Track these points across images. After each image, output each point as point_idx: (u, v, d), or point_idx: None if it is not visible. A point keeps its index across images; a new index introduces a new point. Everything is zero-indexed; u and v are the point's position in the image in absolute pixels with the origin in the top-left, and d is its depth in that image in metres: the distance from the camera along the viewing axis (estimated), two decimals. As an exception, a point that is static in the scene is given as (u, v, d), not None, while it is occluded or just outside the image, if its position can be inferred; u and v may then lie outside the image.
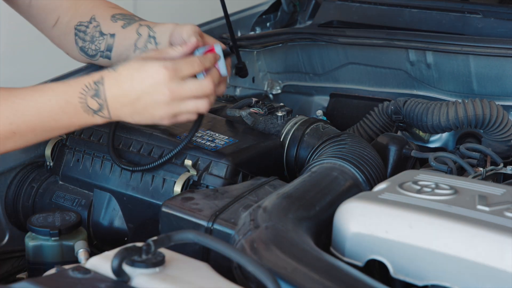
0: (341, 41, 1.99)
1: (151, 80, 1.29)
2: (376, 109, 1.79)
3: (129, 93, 1.30)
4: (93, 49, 1.64)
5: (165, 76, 1.29)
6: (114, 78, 1.30)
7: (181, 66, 1.31)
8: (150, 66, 1.30)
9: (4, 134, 1.30)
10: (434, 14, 1.98)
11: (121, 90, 1.30)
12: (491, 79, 1.82)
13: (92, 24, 1.63)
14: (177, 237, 1.01)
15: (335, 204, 1.20)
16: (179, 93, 1.31)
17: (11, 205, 1.64)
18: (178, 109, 1.33)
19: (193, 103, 1.33)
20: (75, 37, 1.66)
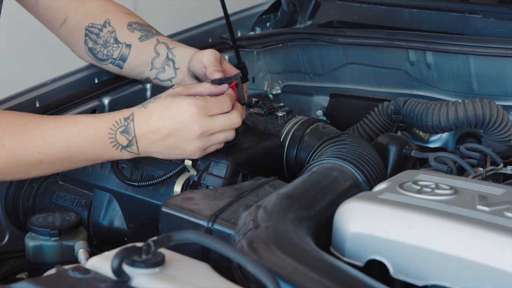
0: (341, 41, 1.99)
1: (181, 118, 1.32)
2: (376, 109, 1.79)
3: (159, 130, 1.32)
4: (104, 54, 1.64)
5: (195, 114, 1.32)
6: (144, 115, 1.32)
7: (211, 105, 1.34)
8: (180, 103, 1.32)
9: (31, 163, 1.31)
10: (434, 14, 1.98)
11: (151, 127, 1.32)
12: (491, 79, 1.82)
13: (106, 29, 1.63)
14: (177, 237, 1.01)
15: (335, 204, 1.20)
16: (209, 129, 1.34)
17: (11, 205, 1.64)
18: (208, 143, 1.36)
19: (223, 136, 1.37)
20: (85, 37, 1.66)
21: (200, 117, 1.32)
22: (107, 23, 1.64)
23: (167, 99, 1.33)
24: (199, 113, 1.32)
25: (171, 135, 1.33)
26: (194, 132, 1.33)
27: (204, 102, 1.33)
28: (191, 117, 1.32)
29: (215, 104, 1.34)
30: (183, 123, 1.32)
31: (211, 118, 1.34)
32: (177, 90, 1.36)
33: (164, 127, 1.32)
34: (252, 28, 2.27)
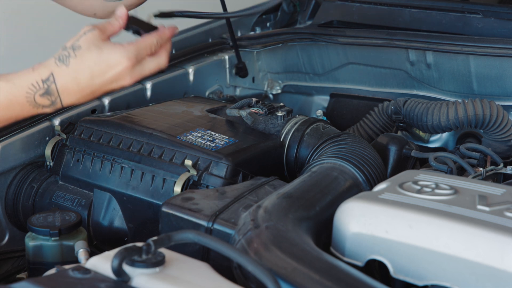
0: (341, 41, 1.99)
1: (113, 72, 1.27)
2: (376, 109, 1.79)
3: (88, 87, 1.27)
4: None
5: (128, 67, 1.28)
6: (68, 74, 1.26)
7: (141, 52, 1.30)
8: (111, 56, 1.27)
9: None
10: (434, 14, 1.98)
11: (78, 85, 1.26)
12: (491, 79, 1.82)
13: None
14: (177, 237, 1.01)
15: (335, 204, 1.20)
16: (139, 76, 1.31)
17: (11, 205, 1.64)
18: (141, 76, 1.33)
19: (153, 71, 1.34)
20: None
21: (133, 68, 1.29)
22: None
23: (93, 52, 1.26)
24: (132, 65, 1.28)
25: (101, 87, 1.28)
26: (126, 82, 1.30)
27: (135, 51, 1.28)
28: (123, 70, 1.27)
29: (144, 49, 1.30)
30: (115, 76, 1.28)
31: (142, 65, 1.31)
32: (97, 35, 1.27)
33: (95, 84, 1.27)
34: (252, 28, 2.27)
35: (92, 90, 1.28)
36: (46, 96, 1.26)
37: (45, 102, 1.27)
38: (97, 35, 1.27)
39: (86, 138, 1.58)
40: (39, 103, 1.26)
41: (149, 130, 1.53)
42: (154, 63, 1.33)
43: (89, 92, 1.28)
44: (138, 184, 1.49)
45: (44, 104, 1.27)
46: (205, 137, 1.50)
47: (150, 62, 1.33)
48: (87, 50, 1.26)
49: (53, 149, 1.63)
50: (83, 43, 1.26)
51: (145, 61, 1.32)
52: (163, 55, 1.35)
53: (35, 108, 1.27)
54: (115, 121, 1.58)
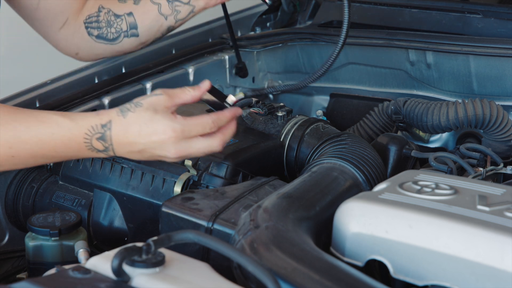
0: (341, 41, 1.99)
1: (157, 138, 1.28)
2: (376, 109, 1.79)
3: (135, 144, 1.29)
4: (113, 32, 1.65)
5: (171, 138, 1.28)
6: (122, 125, 1.29)
7: (190, 129, 1.29)
8: (158, 123, 1.28)
9: (3, 157, 1.29)
10: (434, 14, 1.98)
11: (127, 139, 1.29)
12: (491, 79, 1.82)
13: (102, 12, 1.65)
14: (177, 237, 1.01)
15: (335, 204, 1.20)
16: (185, 152, 1.30)
17: (11, 205, 1.64)
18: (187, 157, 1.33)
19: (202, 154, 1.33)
20: (86, 30, 1.66)
21: (177, 141, 1.28)
22: (101, 7, 1.66)
23: (148, 113, 1.28)
24: (176, 137, 1.28)
25: (146, 150, 1.30)
26: (170, 153, 1.29)
27: (182, 126, 1.28)
28: (168, 140, 1.28)
29: (196, 127, 1.29)
30: (159, 144, 1.29)
31: (189, 141, 1.29)
32: (160, 101, 1.30)
33: (140, 142, 1.29)
34: (252, 28, 2.27)
35: (140, 149, 1.29)
36: (101, 141, 1.29)
37: (100, 147, 1.30)
38: (162, 100, 1.30)
39: (86, 138, 1.58)
40: (94, 146, 1.29)
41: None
42: (204, 143, 1.30)
43: (137, 150, 1.30)
44: (138, 184, 1.49)
45: (99, 148, 1.30)
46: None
47: (200, 142, 1.30)
48: (145, 110, 1.29)
49: (53, 149, 1.63)
50: (145, 103, 1.29)
51: (194, 139, 1.30)
52: (217, 138, 1.31)
53: (90, 150, 1.30)
54: (115, 121, 1.58)
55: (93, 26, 1.66)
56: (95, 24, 1.65)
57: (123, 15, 1.64)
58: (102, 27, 1.66)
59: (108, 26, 1.65)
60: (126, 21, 1.64)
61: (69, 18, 1.66)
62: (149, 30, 1.66)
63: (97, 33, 1.66)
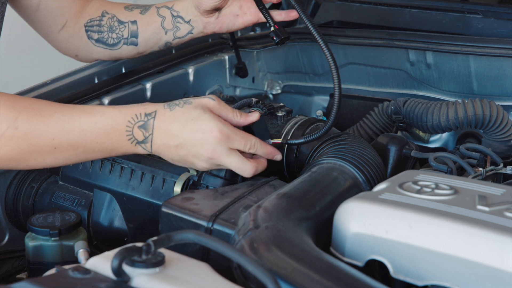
0: (341, 41, 1.99)
1: (201, 135, 1.29)
2: (376, 109, 1.79)
3: (176, 137, 1.30)
4: (114, 38, 1.66)
5: (216, 138, 1.29)
6: (168, 117, 1.30)
7: (235, 139, 1.31)
8: (207, 121, 1.29)
9: (45, 149, 1.28)
10: (434, 14, 1.98)
11: (169, 130, 1.30)
12: (491, 79, 1.82)
13: (105, 17, 1.66)
14: (177, 237, 1.01)
15: (335, 204, 1.20)
16: (219, 159, 1.31)
17: (11, 205, 1.64)
18: (214, 167, 1.34)
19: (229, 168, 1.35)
20: (86, 33, 1.67)
21: (219, 143, 1.29)
22: (105, 13, 1.66)
23: (197, 111, 1.30)
24: (220, 139, 1.29)
25: (184, 146, 1.30)
26: (207, 153, 1.30)
27: (229, 132, 1.30)
28: (211, 139, 1.29)
29: (240, 139, 1.32)
30: (201, 141, 1.29)
31: (228, 151, 1.31)
32: (210, 105, 1.32)
33: (181, 137, 1.30)
34: (252, 28, 2.27)
35: (178, 143, 1.30)
36: (142, 130, 1.30)
37: (140, 137, 1.30)
38: (212, 105, 1.32)
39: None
40: (135, 136, 1.30)
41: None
42: (240, 160, 1.32)
43: (175, 144, 1.30)
44: (138, 184, 1.49)
45: (138, 139, 1.30)
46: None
47: (237, 156, 1.32)
48: (194, 107, 1.30)
49: (53, 149, 1.63)
50: (195, 102, 1.31)
51: (233, 151, 1.32)
52: (252, 164, 1.34)
53: (130, 142, 1.30)
54: (115, 121, 1.58)
55: (94, 29, 1.66)
56: (96, 28, 1.66)
57: (127, 22, 1.65)
58: (103, 32, 1.66)
59: (109, 31, 1.66)
60: (128, 29, 1.65)
61: (68, 20, 1.67)
62: (147, 41, 1.67)
63: (97, 37, 1.67)
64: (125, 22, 1.66)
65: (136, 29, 1.65)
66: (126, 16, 1.66)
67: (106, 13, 1.67)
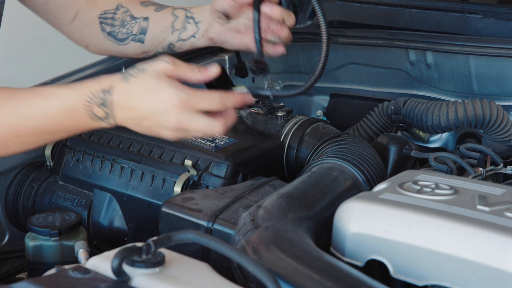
0: (341, 41, 1.99)
1: (161, 105, 1.24)
2: (376, 109, 1.79)
3: (136, 110, 1.26)
4: (123, 33, 1.64)
5: (176, 106, 1.24)
6: (125, 91, 1.26)
7: (196, 100, 1.25)
8: (164, 90, 1.24)
9: (7, 138, 1.26)
10: (434, 14, 1.98)
11: (129, 104, 1.26)
12: (491, 79, 1.82)
13: (120, 10, 1.64)
14: (177, 237, 1.01)
15: (335, 204, 1.20)
16: (185, 125, 1.26)
17: (11, 205, 1.64)
18: (183, 136, 1.29)
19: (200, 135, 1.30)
20: (100, 25, 1.65)
21: (181, 110, 1.24)
22: (120, 6, 1.63)
23: (152, 80, 1.24)
24: (180, 107, 1.24)
25: (147, 118, 1.25)
26: (170, 122, 1.25)
27: (188, 96, 1.24)
28: (171, 108, 1.24)
29: (202, 99, 1.25)
30: (162, 111, 1.24)
31: (191, 115, 1.24)
32: (166, 70, 1.26)
33: (142, 109, 1.25)
34: (252, 28, 2.27)
35: (140, 115, 1.26)
36: (102, 107, 1.26)
37: (101, 114, 1.26)
38: (167, 68, 1.26)
39: (86, 138, 1.58)
40: (95, 113, 1.26)
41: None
42: (206, 121, 1.25)
43: (138, 116, 1.26)
44: (138, 184, 1.49)
45: (100, 115, 1.26)
46: (205, 137, 1.50)
47: (203, 119, 1.26)
48: (149, 76, 1.25)
49: (53, 149, 1.63)
50: (150, 69, 1.26)
51: (197, 115, 1.25)
52: (220, 120, 1.27)
53: (92, 119, 1.27)
54: (115, 121, 1.58)
55: (108, 22, 1.64)
56: (109, 21, 1.64)
57: (139, 18, 1.63)
58: (115, 25, 1.64)
59: (121, 26, 1.64)
60: (139, 25, 1.63)
61: (79, 10, 1.65)
62: (154, 39, 1.64)
63: (109, 30, 1.65)
64: (137, 18, 1.63)
65: (146, 25, 1.62)
66: (139, 11, 1.63)
67: (120, 6, 1.64)
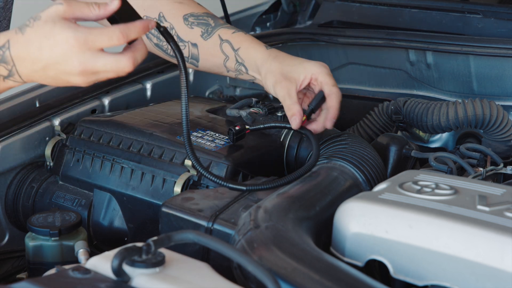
0: (341, 41, 1.99)
1: (59, 49, 1.17)
2: (376, 109, 1.79)
3: (38, 60, 1.19)
4: None
5: (74, 48, 1.16)
6: (22, 43, 1.19)
7: (94, 38, 1.16)
8: (59, 33, 1.16)
9: None
10: (434, 14, 1.98)
11: (29, 55, 1.19)
12: (491, 79, 1.82)
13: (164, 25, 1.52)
14: (177, 237, 1.01)
15: (335, 204, 1.20)
16: (90, 67, 1.18)
17: (11, 205, 1.64)
18: (93, 79, 1.21)
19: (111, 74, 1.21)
20: None
21: (80, 52, 1.16)
22: (162, 18, 1.56)
23: (47, 25, 1.17)
24: (79, 47, 1.16)
25: (50, 67, 1.19)
26: (74, 67, 1.18)
27: (85, 35, 1.16)
28: (70, 50, 1.16)
29: (100, 36, 1.16)
30: (62, 56, 1.17)
31: (94, 55, 1.17)
32: (60, 12, 1.18)
33: (43, 58, 1.18)
34: (252, 28, 2.27)
35: (43, 65, 1.19)
36: (2, 64, 1.20)
37: (3, 72, 1.21)
38: (61, 10, 1.19)
39: (86, 138, 1.58)
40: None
41: (149, 130, 1.53)
42: (111, 59, 1.17)
43: (41, 67, 1.19)
44: (138, 184, 1.49)
45: (3, 74, 1.21)
46: (205, 137, 1.50)
47: (107, 56, 1.17)
48: (44, 22, 1.18)
49: (53, 149, 1.63)
50: (44, 16, 1.19)
51: (100, 53, 1.17)
52: (127, 55, 1.18)
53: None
54: (115, 121, 1.58)
55: (153, 33, 1.57)
56: (154, 32, 1.56)
57: (187, 42, 1.55)
58: (162, 40, 1.57)
59: None
60: (189, 49, 1.56)
61: None
62: (209, 69, 1.59)
63: (156, 42, 1.58)
64: (186, 41, 1.55)
65: (197, 53, 1.56)
66: (186, 33, 1.55)
67: (163, 19, 1.55)
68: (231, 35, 1.54)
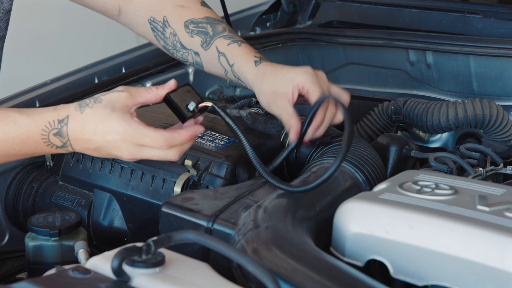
0: (341, 41, 1.99)
1: (111, 138, 1.26)
2: (376, 109, 1.79)
3: (91, 141, 1.28)
4: (179, 56, 1.60)
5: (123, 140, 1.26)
6: (79, 122, 1.27)
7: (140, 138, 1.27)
8: (113, 123, 1.26)
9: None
10: (434, 14, 1.99)
11: (84, 135, 1.28)
12: (491, 79, 1.82)
13: (168, 30, 1.57)
14: (177, 237, 1.01)
15: (335, 204, 1.20)
16: (139, 156, 1.28)
17: (11, 205, 1.64)
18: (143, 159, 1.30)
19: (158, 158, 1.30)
20: (153, 32, 1.59)
21: (129, 144, 1.27)
22: (166, 23, 1.57)
23: (105, 110, 1.26)
24: (127, 140, 1.26)
25: (103, 149, 1.28)
26: (123, 154, 1.28)
27: (134, 132, 1.26)
28: (120, 141, 1.26)
29: (146, 139, 1.27)
30: (113, 144, 1.27)
31: (141, 148, 1.27)
32: (122, 98, 1.28)
33: (96, 140, 1.27)
34: (252, 28, 2.27)
35: (95, 146, 1.28)
36: (58, 137, 1.28)
37: (58, 143, 1.29)
38: (123, 97, 1.28)
39: (86, 138, 1.58)
40: (52, 142, 1.28)
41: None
42: (159, 153, 1.28)
43: (93, 147, 1.28)
44: (138, 184, 1.49)
45: (57, 144, 1.29)
46: (205, 137, 1.50)
47: (154, 151, 1.28)
48: (103, 107, 1.27)
49: (53, 149, 1.63)
50: (105, 99, 1.27)
51: (146, 148, 1.28)
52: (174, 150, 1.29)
53: (49, 146, 1.29)
54: (115, 121, 1.58)
55: (159, 36, 1.59)
56: (160, 35, 1.59)
57: (190, 50, 1.57)
58: (168, 44, 1.59)
59: (174, 49, 1.59)
60: (192, 57, 1.58)
61: (120, 5, 1.60)
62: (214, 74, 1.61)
63: (163, 44, 1.60)
64: (188, 49, 1.57)
65: (200, 61, 1.58)
66: (188, 41, 1.57)
67: (167, 23, 1.57)
68: (226, 48, 1.54)
